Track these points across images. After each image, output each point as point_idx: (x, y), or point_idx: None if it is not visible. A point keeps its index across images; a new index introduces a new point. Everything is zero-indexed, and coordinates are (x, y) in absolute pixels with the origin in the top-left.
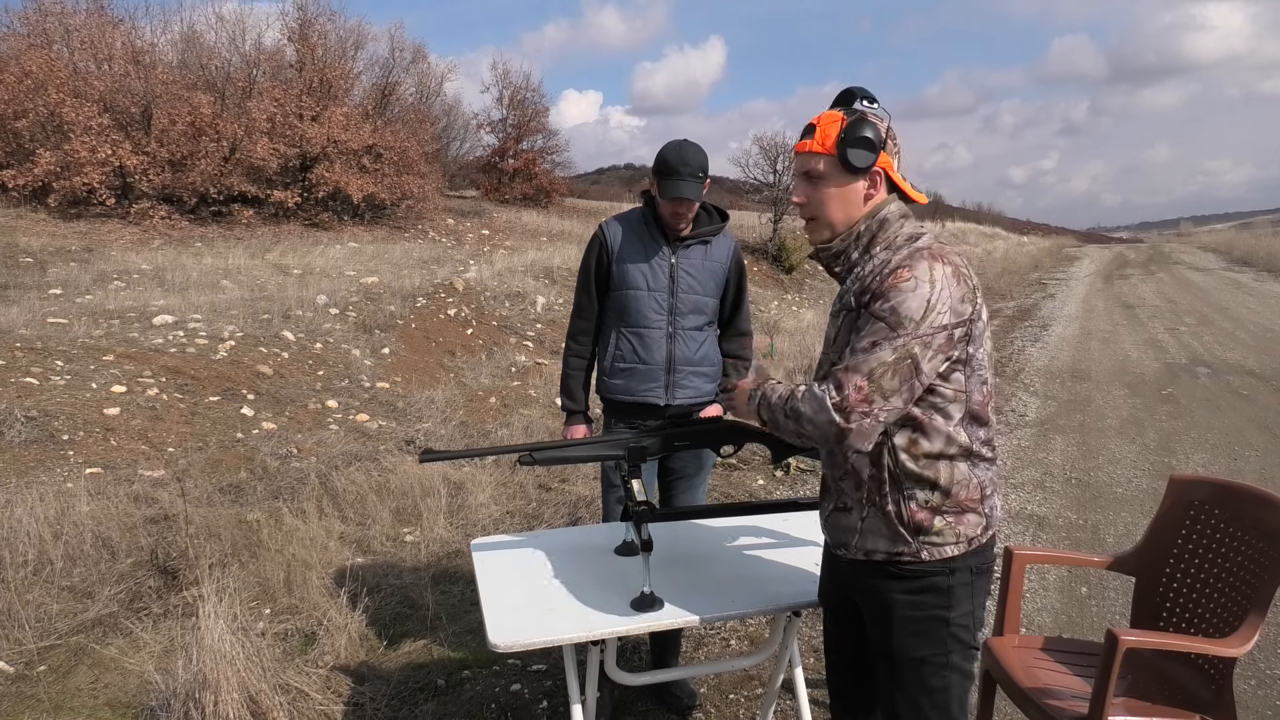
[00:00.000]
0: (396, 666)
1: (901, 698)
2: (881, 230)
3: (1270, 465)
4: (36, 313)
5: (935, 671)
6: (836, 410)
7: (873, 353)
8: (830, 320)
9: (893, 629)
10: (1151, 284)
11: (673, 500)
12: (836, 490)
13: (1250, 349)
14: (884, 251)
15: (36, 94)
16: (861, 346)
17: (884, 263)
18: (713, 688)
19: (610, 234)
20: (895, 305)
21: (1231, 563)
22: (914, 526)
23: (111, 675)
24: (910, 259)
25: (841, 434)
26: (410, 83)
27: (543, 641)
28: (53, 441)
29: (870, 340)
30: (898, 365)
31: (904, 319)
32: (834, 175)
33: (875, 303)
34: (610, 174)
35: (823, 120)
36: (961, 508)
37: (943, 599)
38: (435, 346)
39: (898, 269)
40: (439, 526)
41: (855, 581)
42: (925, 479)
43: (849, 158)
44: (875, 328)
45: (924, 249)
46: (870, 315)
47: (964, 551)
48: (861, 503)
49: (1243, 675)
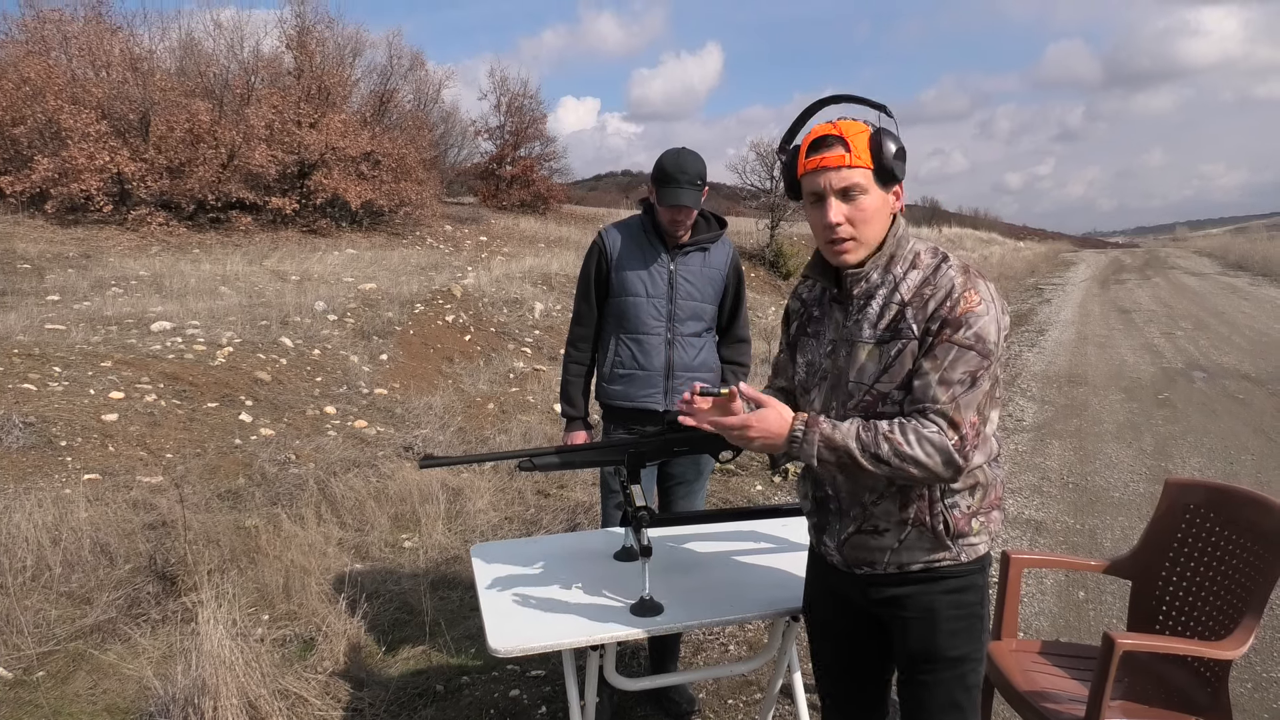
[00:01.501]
0: (395, 672)
1: (939, 695)
2: (899, 248)
3: (1266, 469)
4: (34, 319)
5: (974, 667)
6: (958, 452)
7: (976, 387)
8: (861, 348)
9: (937, 631)
10: (1147, 289)
11: (672, 506)
12: (861, 514)
13: (1246, 353)
14: (912, 271)
15: (34, 101)
16: (959, 379)
17: (925, 283)
18: (711, 693)
19: (609, 241)
20: (979, 332)
21: (1227, 566)
22: (957, 534)
23: (110, 681)
24: (970, 281)
25: (957, 473)
26: (408, 89)
27: (542, 646)
28: (51, 448)
29: (966, 372)
30: (992, 392)
31: (990, 345)
32: (874, 189)
33: (956, 331)
34: (608, 180)
35: (849, 130)
36: (990, 506)
37: (978, 596)
38: (433, 353)
39: (965, 293)
40: (438, 532)
41: (876, 593)
42: (968, 487)
43: (889, 166)
44: (968, 359)
45: (967, 267)
46: (955, 345)
47: (989, 548)
48: (905, 523)
49: (1239, 678)
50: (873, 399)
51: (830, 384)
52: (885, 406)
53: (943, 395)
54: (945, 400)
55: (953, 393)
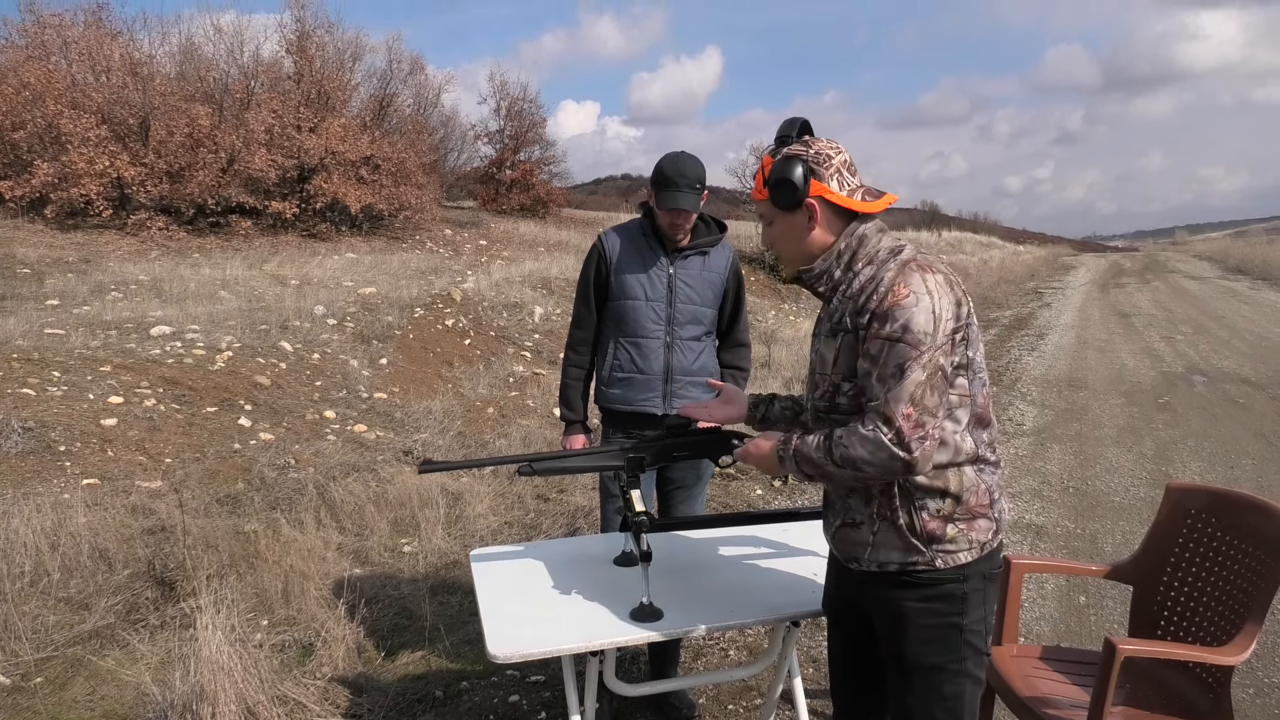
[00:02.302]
0: (394, 678)
1: (915, 704)
2: (861, 246)
3: (1267, 473)
4: (33, 324)
5: (949, 678)
6: (896, 445)
7: (905, 377)
8: (822, 340)
9: (906, 637)
10: (1147, 292)
11: (671, 510)
12: (843, 506)
13: (1246, 357)
14: (867, 267)
15: (34, 105)
16: (890, 373)
17: (871, 279)
18: (711, 698)
19: (609, 244)
20: (906, 323)
21: (1229, 571)
22: (927, 536)
23: (108, 687)
24: (901, 275)
25: (908, 466)
26: (408, 94)
27: (541, 652)
28: (49, 453)
29: (896, 364)
30: (931, 381)
31: (920, 335)
32: (775, 215)
33: (884, 325)
34: (608, 184)
35: (764, 163)
36: (972, 514)
37: (956, 606)
38: (433, 357)
39: (894, 287)
40: (437, 537)
41: (867, 592)
42: (935, 489)
43: (776, 199)
44: (896, 350)
45: (909, 261)
46: (883, 340)
47: (977, 557)
48: (872, 517)
49: (1240, 683)
50: (830, 389)
51: (810, 376)
52: (839, 397)
53: (878, 391)
54: (879, 395)
55: (885, 386)
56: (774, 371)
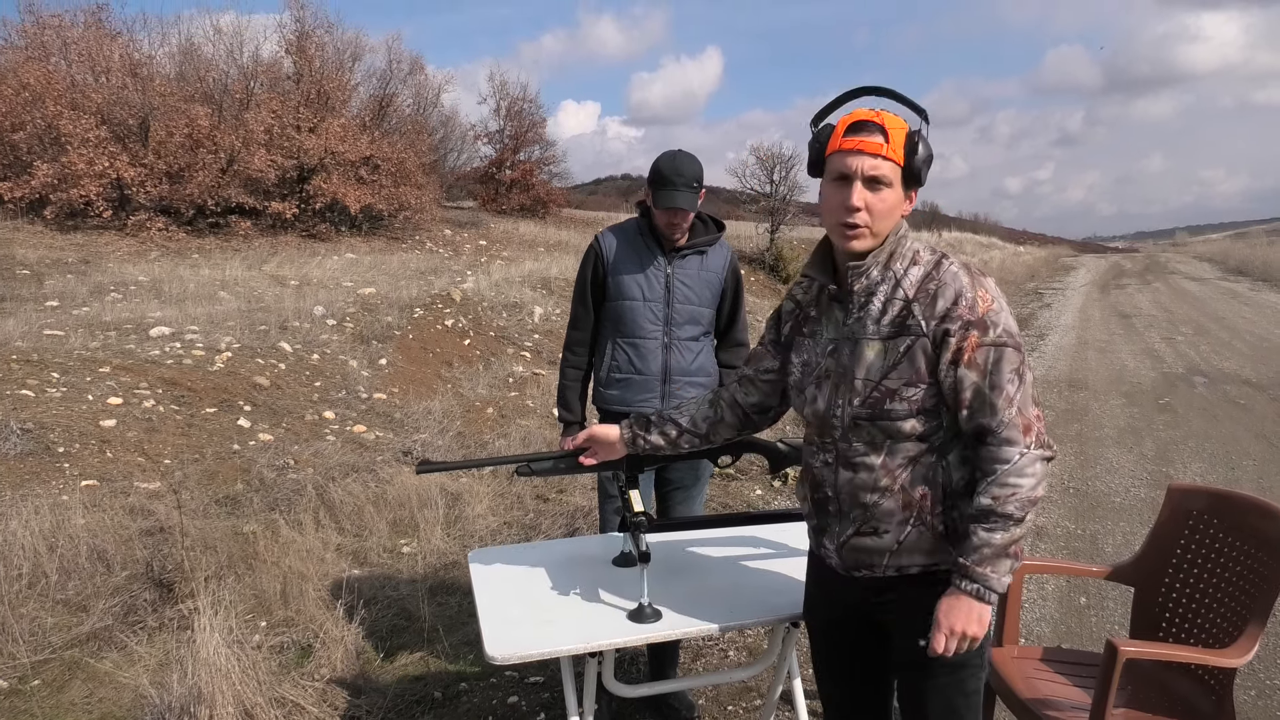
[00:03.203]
0: (393, 679)
1: (938, 702)
2: (899, 245)
3: (1268, 474)
4: (33, 325)
5: (973, 674)
6: (1040, 447)
7: (1024, 380)
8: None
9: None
10: (1148, 293)
11: (670, 511)
12: (859, 515)
13: (1247, 358)
14: (913, 268)
15: (34, 106)
16: (1008, 379)
17: (931, 280)
18: (711, 699)
19: (606, 244)
20: (1006, 328)
21: (1230, 572)
22: (957, 538)
23: (106, 689)
24: (975, 280)
25: (1051, 460)
26: (408, 94)
27: (540, 653)
28: (48, 454)
29: (1012, 370)
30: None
31: (1019, 337)
32: (898, 186)
33: (986, 333)
34: (608, 184)
35: (891, 124)
36: None
37: None
38: (432, 357)
39: (979, 294)
40: (436, 538)
41: (879, 596)
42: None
43: (918, 172)
44: (1008, 356)
45: (968, 265)
46: (990, 347)
47: None
48: (906, 524)
49: (1243, 686)
50: (880, 395)
51: (834, 382)
52: (894, 403)
53: (1000, 403)
54: (1005, 409)
55: (1008, 395)
56: None
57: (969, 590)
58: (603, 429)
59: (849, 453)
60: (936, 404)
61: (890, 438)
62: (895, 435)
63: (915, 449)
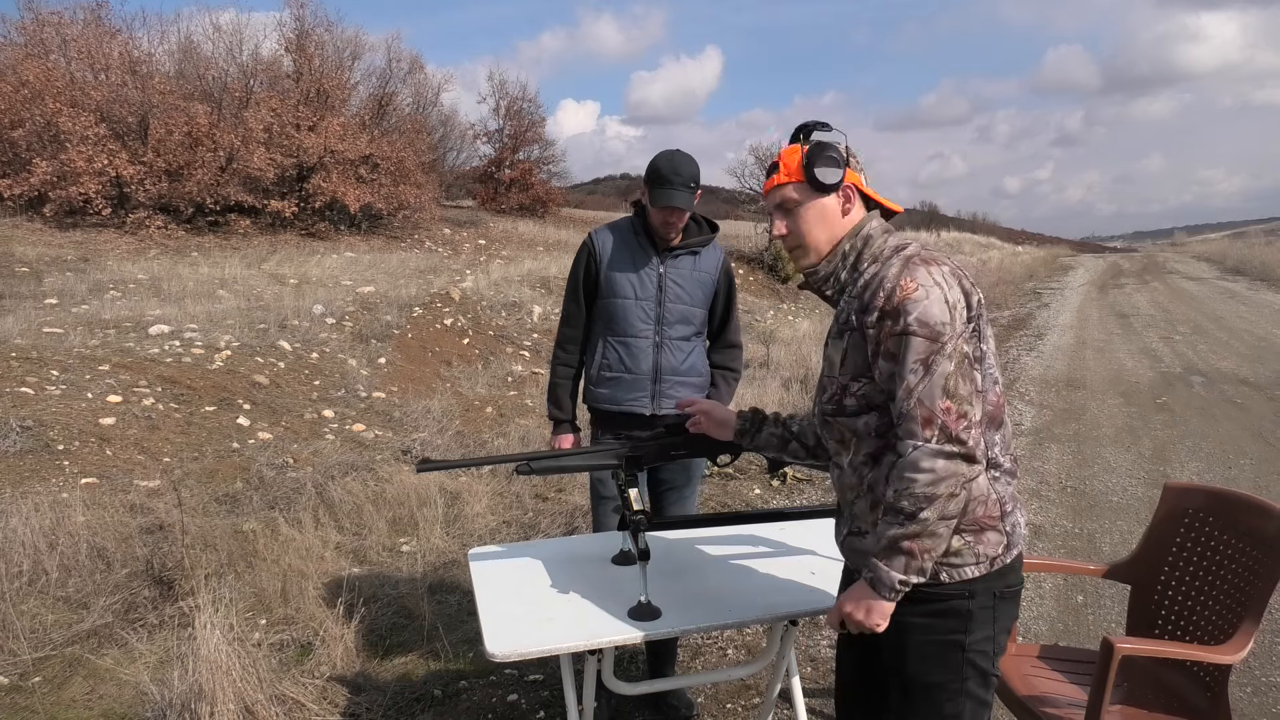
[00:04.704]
0: (393, 677)
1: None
2: (866, 246)
3: (1265, 473)
4: (32, 322)
5: (949, 697)
6: (946, 442)
7: (933, 371)
8: (831, 343)
9: (907, 652)
10: (1146, 293)
11: (663, 511)
12: (850, 515)
13: (1244, 358)
14: (872, 265)
15: (33, 103)
16: (911, 369)
17: (876, 276)
18: (710, 697)
19: (599, 242)
20: (920, 317)
21: (1226, 570)
22: None
23: (107, 686)
24: (906, 269)
25: (968, 459)
26: (407, 93)
27: (540, 651)
28: (48, 451)
29: (918, 360)
30: (960, 370)
31: (939, 326)
32: (807, 198)
33: (897, 321)
34: (607, 184)
35: (784, 154)
36: (979, 525)
37: (960, 623)
38: (431, 356)
39: (900, 282)
40: (435, 536)
41: None
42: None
43: (817, 176)
44: (915, 346)
45: (913, 256)
46: (899, 336)
47: (985, 573)
48: (876, 525)
49: (1238, 682)
50: (838, 392)
51: (820, 384)
52: (847, 398)
53: (900, 393)
54: (904, 400)
55: (908, 385)
56: (773, 371)
57: (866, 577)
58: (719, 406)
59: (831, 452)
60: (885, 399)
61: (854, 435)
62: (855, 432)
63: (873, 446)
